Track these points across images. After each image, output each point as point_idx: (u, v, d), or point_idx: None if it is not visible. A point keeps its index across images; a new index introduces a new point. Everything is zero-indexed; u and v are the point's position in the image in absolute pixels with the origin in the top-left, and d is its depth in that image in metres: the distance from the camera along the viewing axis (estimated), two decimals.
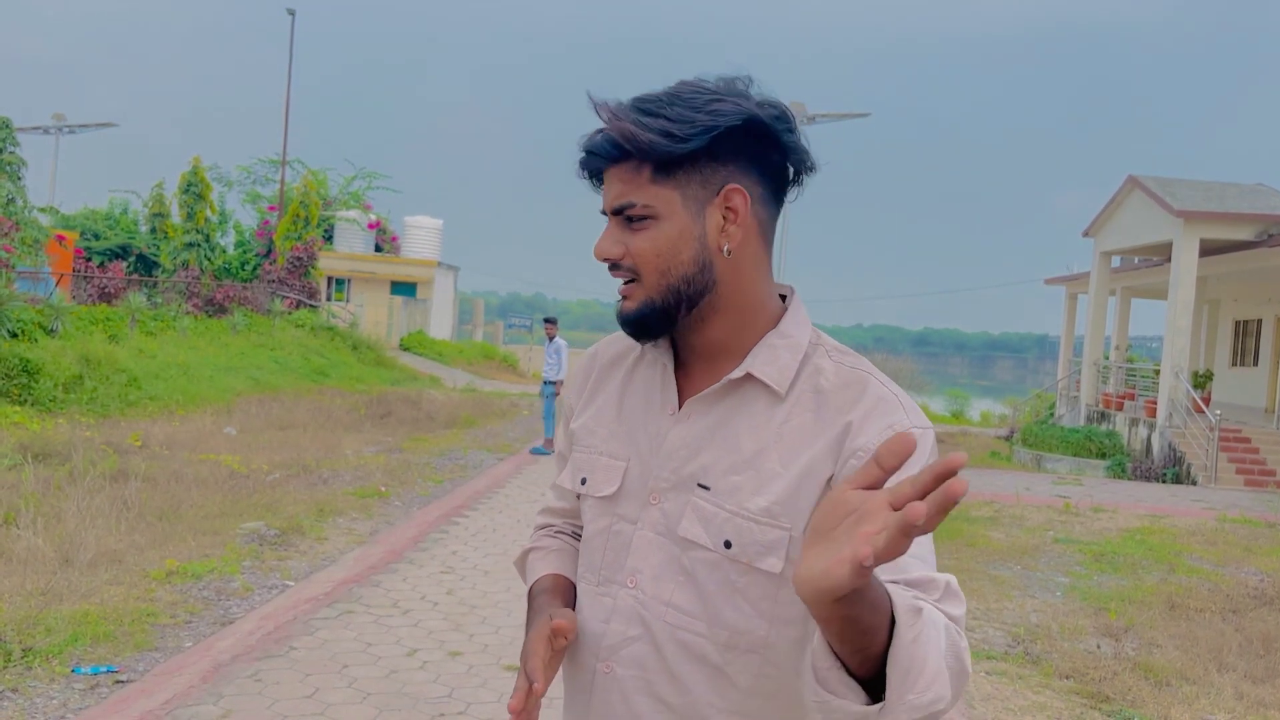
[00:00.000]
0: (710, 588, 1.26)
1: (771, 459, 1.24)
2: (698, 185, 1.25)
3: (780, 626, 1.25)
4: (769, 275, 1.32)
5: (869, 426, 1.22)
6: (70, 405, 12.77)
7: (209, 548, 6.64)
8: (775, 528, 1.22)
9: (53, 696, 4.17)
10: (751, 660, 1.25)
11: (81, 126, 40.95)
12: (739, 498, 1.24)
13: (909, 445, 0.89)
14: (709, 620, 1.26)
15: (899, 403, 1.25)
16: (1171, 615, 6.70)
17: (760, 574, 1.23)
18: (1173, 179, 19.66)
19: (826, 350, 1.31)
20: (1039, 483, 14.43)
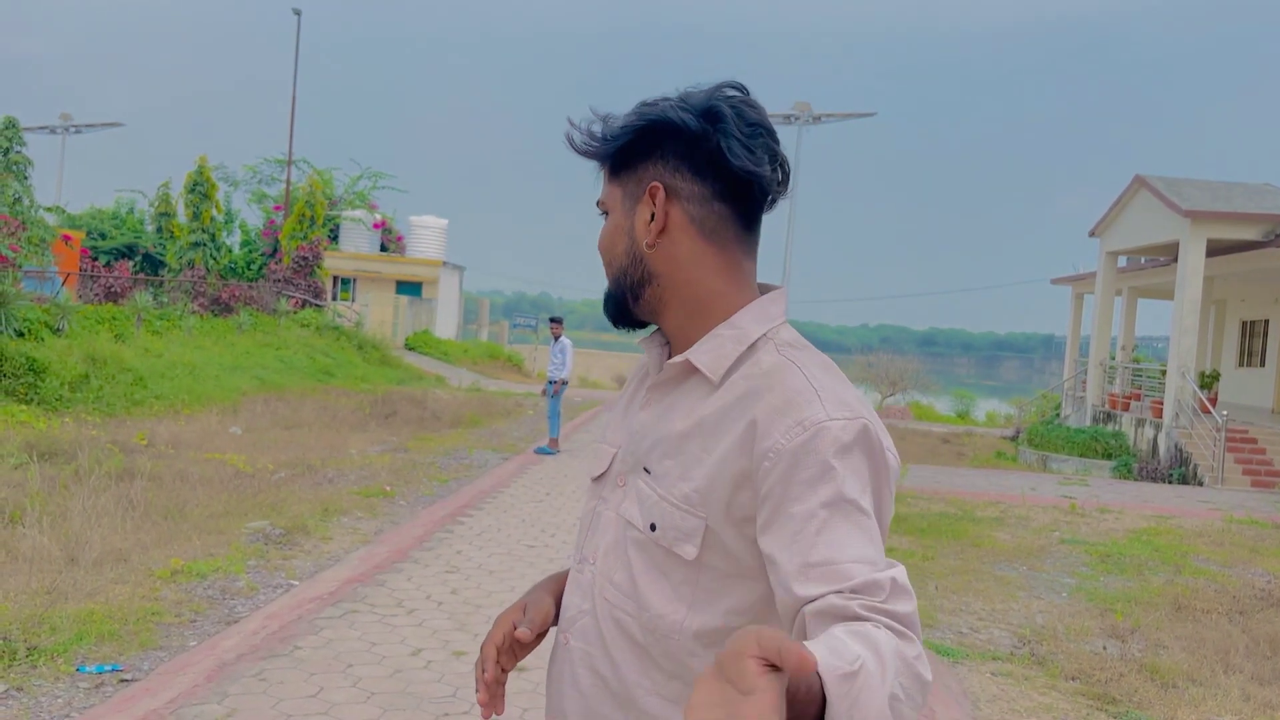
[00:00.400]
0: (639, 568, 1.30)
1: (695, 445, 1.27)
2: (633, 184, 1.34)
3: (700, 612, 1.26)
4: (723, 271, 1.33)
5: (778, 424, 1.19)
6: (76, 404, 12.79)
7: (214, 547, 6.64)
8: (693, 515, 1.25)
9: (57, 695, 4.18)
10: (671, 644, 1.27)
11: (88, 126, 41.07)
12: (667, 482, 1.29)
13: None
14: (637, 601, 1.30)
15: (816, 394, 1.20)
16: (1178, 616, 6.68)
17: (679, 559, 1.26)
18: (1180, 179, 19.60)
19: (777, 344, 1.30)
20: (1045, 483, 14.40)
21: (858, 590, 1.07)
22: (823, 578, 1.09)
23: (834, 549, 1.10)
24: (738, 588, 1.26)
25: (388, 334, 31.19)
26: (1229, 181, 20.06)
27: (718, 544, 1.24)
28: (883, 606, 1.05)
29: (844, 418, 1.18)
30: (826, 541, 1.11)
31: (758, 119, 1.29)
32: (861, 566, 1.09)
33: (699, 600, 1.26)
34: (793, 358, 1.27)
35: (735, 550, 1.24)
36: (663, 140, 1.30)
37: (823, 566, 1.10)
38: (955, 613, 6.60)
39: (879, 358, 39.12)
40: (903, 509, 10.46)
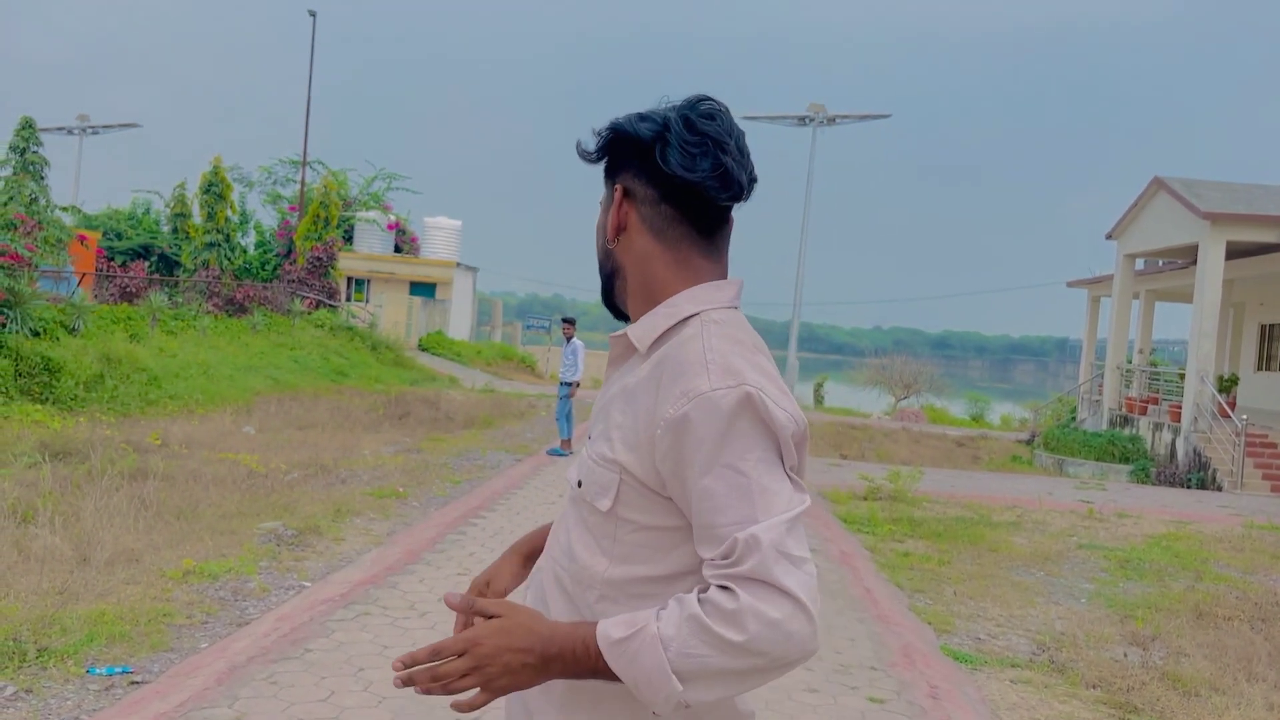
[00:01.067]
0: (572, 523, 1.46)
1: (617, 409, 1.41)
2: (609, 187, 1.51)
3: (618, 565, 1.37)
4: (672, 265, 1.45)
5: (669, 392, 1.32)
6: (91, 404, 12.81)
7: (226, 547, 6.61)
8: (608, 471, 1.38)
9: (67, 697, 4.14)
10: (591, 596, 1.39)
11: (105, 127, 41.26)
12: (596, 443, 1.43)
13: (450, 604, 1.40)
14: (569, 555, 1.44)
15: (705, 365, 1.31)
16: (1199, 624, 6.58)
17: (598, 513, 1.39)
18: (1199, 180, 19.44)
19: (703, 320, 1.40)
20: (1061, 487, 14.27)
21: (723, 555, 1.24)
22: (706, 540, 1.28)
23: (713, 514, 1.26)
24: (666, 552, 1.36)
25: (401, 335, 31.21)
26: (1249, 183, 19.88)
27: (634, 500, 1.36)
28: (728, 570, 1.22)
29: (725, 386, 1.28)
30: (708, 507, 1.27)
31: (707, 130, 1.40)
32: (732, 528, 1.24)
33: (619, 554, 1.37)
34: (706, 330, 1.36)
35: (654, 508, 1.35)
36: (627, 149, 1.45)
37: (706, 529, 1.28)
38: (972, 618, 6.51)
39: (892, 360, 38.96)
40: (918, 513, 10.38)
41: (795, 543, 1.24)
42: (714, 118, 1.42)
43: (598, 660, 1.25)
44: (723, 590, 1.22)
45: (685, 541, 1.34)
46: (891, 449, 19.48)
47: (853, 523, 9.66)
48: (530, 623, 1.31)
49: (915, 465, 14.56)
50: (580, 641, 1.26)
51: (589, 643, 1.26)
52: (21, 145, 21.27)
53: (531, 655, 1.28)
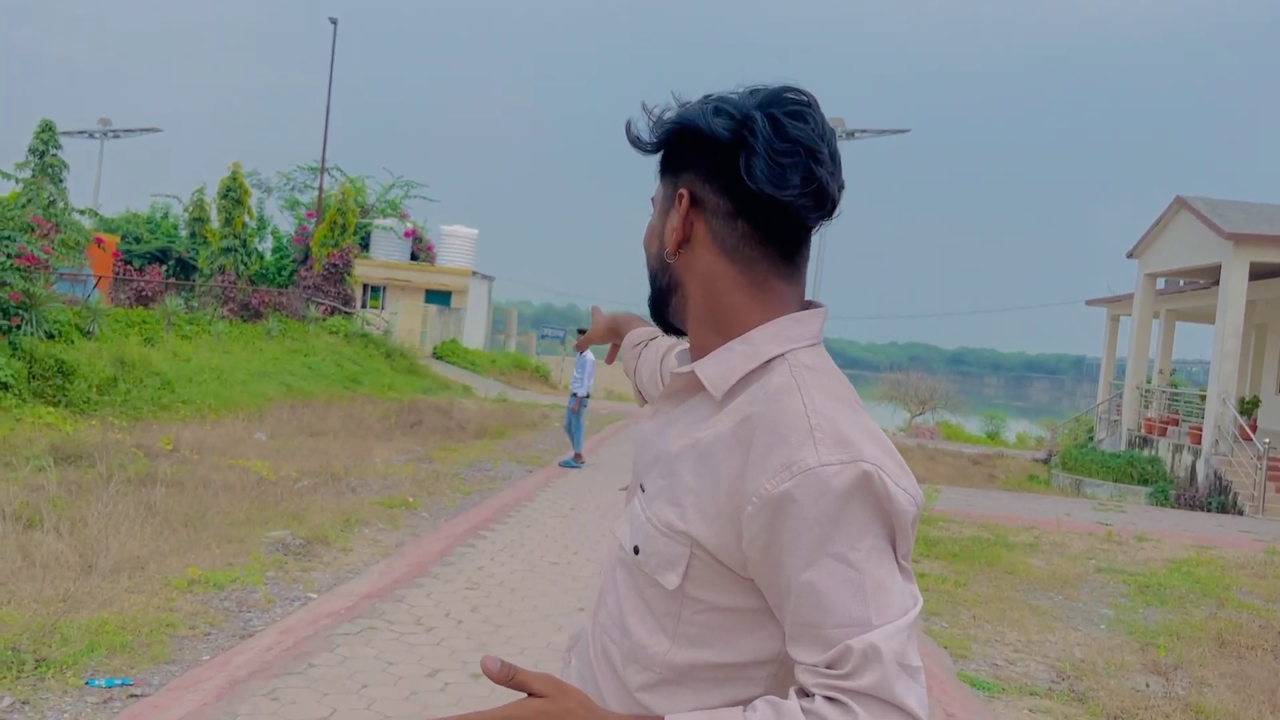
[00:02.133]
0: (624, 592, 1.24)
1: (687, 469, 1.18)
2: (670, 186, 1.26)
3: (683, 648, 1.18)
4: (744, 288, 1.22)
5: (766, 463, 1.10)
6: (104, 407, 12.79)
7: (233, 556, 6.54)
8: (676, 544, 1.16)
9: (64, 710, 4.06)
10: (643, 678, 1.20)
11: (126, 131, 41.52)
12: (657, 505, 1.20)
13: (488, 671, 1.07)
14: (620, 628, 1.24)
15: (810, 431, 1.10)
16: (1222, 653, 6.43)
17: (661, 588, 1.18)
18: (1221, 200, 19.25)
19: (791, 367, 1.17)
20: (1079, 508, 14.08)
21: (829, 664, 1.06)
22: (805, 639, 1.09)
23: (820, 612, 1.07)
24: (741, 637, 1.16)
25: (416, 343, 31.22)
26: (1273, 204, 19.67)
27: (706, 578, 1.15)
28: (839, 684, 1.05)
29: (838, 462, 1.07)
30: (811, 604, 1.07)
31: (799, 135, 1.16)
32: (843, 631, 1.06)
33: (684, 635, 1.18)
34: (801, 380, 1.15)
35: (729, 587, 1.15)
36: (696, 145, 1.21)
37: (807, 628, 1.09)
38: (989, 643, 6.38)
39: (908, 376, 38.80)
40: (934, 532, 10.23)
41: (913, 651, 1.08)
42: (805, 118, 1.18)
43: None
44: (832, 703, 1.06)
45: (763, 625, 1.16)
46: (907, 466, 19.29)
47: None
48: (579, 710, 1.12)
49: (931, 483, 14.40)
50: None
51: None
52: (41, 148, 21.38)
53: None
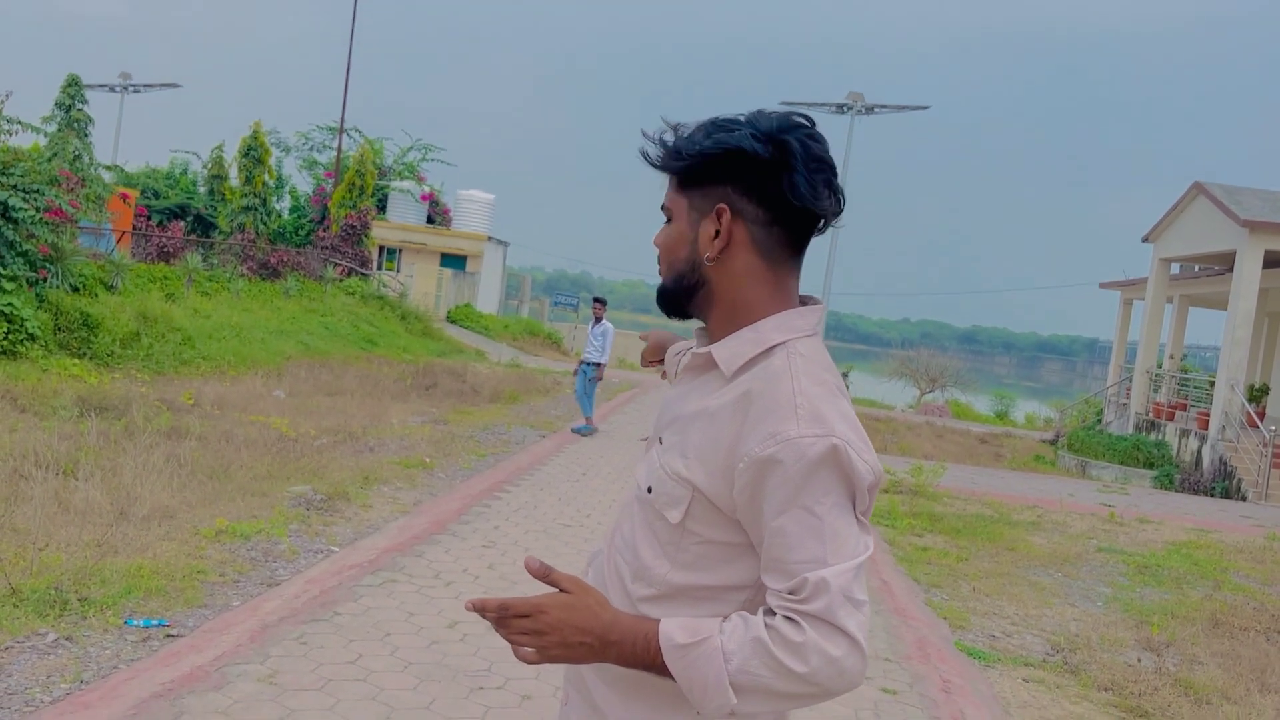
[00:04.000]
0: (637, 523, 1.52)
1: (696, 430, 1.45)
2: (699, 198, 1.48)
3: (680, 571, 1.45)
4: (768, 284, 1.48)
5: (756, 431, 1.37)
6: (127, 361, 13.03)
7: (257, 509, 6.77)
8: (680, 487, 1.44)
9: (106, 647, 4.29)
10: (646, 591, 1.47)
11: (146, 86, 41.60)
12: (669, 455, 1.47)
13: (530, 569, 1.39)
14: (632, 551, 1.51)
15: (794, 412, 1.36)
16: (1215, 632, 6.61)
17: (665, 522, 1.46)
18: (1239, 187, 19.22)
19: (789, 352, 1.44)
20: (1083, 489, 14.25)
21: (791, 590, 1.33)
22: (774, 571, 1.36)
23: (787, 550, 1.34)
24: (726, 565, 1.44)
25: (431, 306, 31.41)
26: None
27: (703, 516, 1.43)
28: (796, 606, 1.32)
29: (813, 435, 1.34)
30: (780, 543, 1.35)
31: (821, 154, 1.44)
32: (804, 565, 1.33)
33: (682, 561, 1.45)
34: (794, 365, 1.41)
35: (720, 525, 1.43)
36: (734, 165, 1.43)
37: (776, 563, 1.36)
38: (988, 616, 6.57)
39: (919, 353, 38.83)
40: (938, 508, 10.41)
41: (859, 587, 1.34)
42: (821, 140, 1.45)
43: (655, 657, 1.36)
44: (789, 622, 1.32)
45: (744, 557, 1.43)
46: (914, 443, 19.48)
47: (873, 515, 9.70)
48: (596, 607, 1.40)
49: (938, 460, 14.57)
50: (642, 637, 1.37)
51: (650, 640, 1.36)
52: (67, 102, 21.53)
53: (590, 637, 1.38)
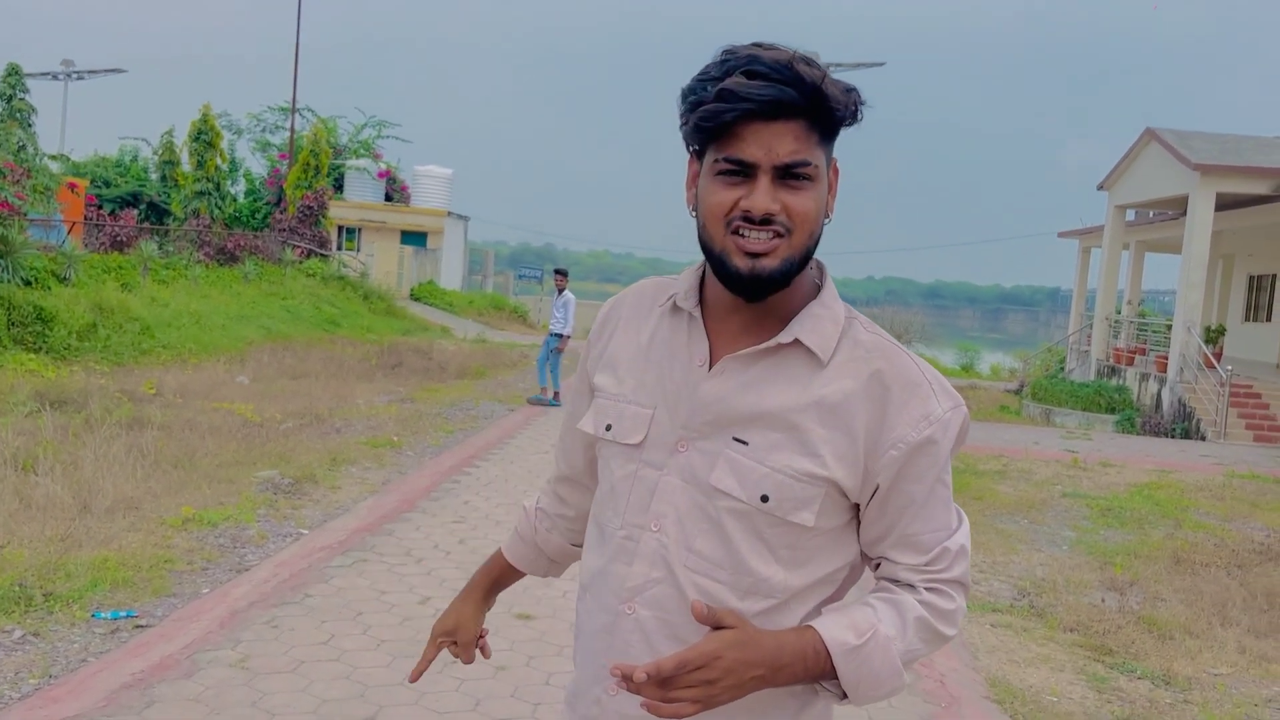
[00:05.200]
0: (736, 536, 1.33)
1: (812, 421, 1.32)
2: (828, 154, 1.32)
3: (797, 572, 1.35)
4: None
5: (904, 414, 1.32)
6: (84, 353, 12.86)
7: (224, 496, 6.72)
8: (814, 486, 1.32)
9: (74, 640, 4.26)
10: (766, 604, 1.34)
11: (90, 73, 40.74)
12: (780, 456, 1.32)
13: (699, 615, 1.26)
14: (733, 567, 1.34)
15: (931, 389, 1.34)
16: (1177, 570, 6.75)
17: (789, 526, 1.33)
18: (1190, 132, 19.42)
19: (861, 324, 1.38)
20: (1048, 437, 14.46)
21: (930, 563, 1.35)
22: (909, 546, 1.35)
23: (922, 522, 1.35)
24: (832, 552, 1.38)
25: (393, 284, 31.16)
26: (1239, 135, 19.88)
27: (829, 509, 1.34)
28: (939, 576, 1.35)
29: (952, 407, 1.35)
30: (920, 516, 1.34)
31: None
32: (939, 534, 1.35)
33: (797, 560, 1.35)
34: (889, 339, 1.37)
35: (840, 512, 1.36)
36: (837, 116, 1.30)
37: (912, 537, 1.35)
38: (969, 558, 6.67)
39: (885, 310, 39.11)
40: None
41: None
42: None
43: (825, 664, 1.29)
44: (936, 593, 1.35)
45: (846, 536, 1.39)
46: None
47: None
48: (759, 635, 1.29)
49: None
50: (811, 651, 1.28)
51: (819, 651, 1.28)
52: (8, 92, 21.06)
53: (763, 669, 1.27)
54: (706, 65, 1.29)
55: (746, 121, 1.25)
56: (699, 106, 1.27)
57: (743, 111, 1.24)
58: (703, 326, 1.39)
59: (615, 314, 1.51)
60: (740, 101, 1.23)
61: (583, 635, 1.46)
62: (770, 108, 1.23)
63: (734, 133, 1.26)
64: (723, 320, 1.38)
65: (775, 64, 1.23)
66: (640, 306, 1.48)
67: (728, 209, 1.28)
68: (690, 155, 1.37)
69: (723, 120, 1.25)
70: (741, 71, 1.24)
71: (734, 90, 1.23)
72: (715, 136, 1.28)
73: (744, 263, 1.29)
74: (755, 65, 1.24)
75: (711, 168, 1.30)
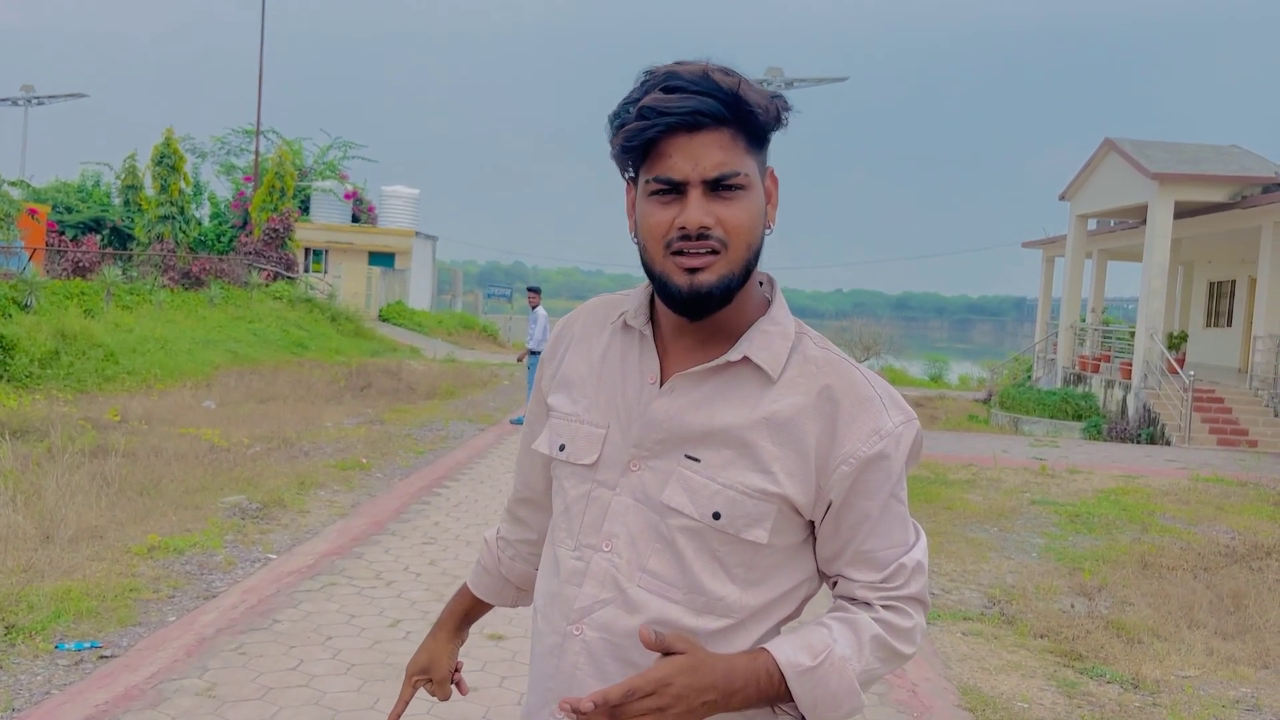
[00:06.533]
0: (689, 555, 1.32)
1: (763, 438, 1.30)
2: (762, 162, 1.32)
3: (753, 590, 1.33)
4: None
5: (854, 429, 1.31)
6: (47, 381, 12.68)
7: (190, 522, 6.64)
8: (766, 502, 1.30)
9: (36, 673, 4.19)
10: (722, 623, 1.32)
11: (50, 97, 40.37)
12: (732, 473, 1.30)
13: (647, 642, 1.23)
14: (687, 586, 1.32)
15: (882, 404, 1.33)
16: (1144, 574, 6.82)
17: (743, 543, 1.31)
18: (1148, 141, 19.73)
19: (812, 339, 1.38)
20: (1016, 445, 14.57)
21: (886, 579, 1.33)
22: (864, 563, 1.34)
23: (877, 539, 1.33)
24: (789, 569, 1.37)
25: (361, 305, 30.97)
26: (1196, 143, 20.21)
27: (783, 526, 1.33)
28: (896, 593, 1.33)
29: (904, 421, 1.33)
30: (875, 533, 1.33)
31: None
32: (895, 551, 1.33)
33: (753, 579, 1.33)
34: (839, 354, 1.37)
35: (794, 529, 1.35)
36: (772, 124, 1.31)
37: (866, 554, 1.34)
38: (928, 574, 6.69)
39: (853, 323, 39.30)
40: None
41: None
42: None
43: (779, 688, 1.26)
44: (893, 610, 1.33)
45: (802, 552, 1.37)
46: None
47: None
48: (710, 659, 1.26)
49: None
50: (764, 673, 1.26)
51: (772, 672, 1.26)
52: None
53: (714, 693, 1.24)
54: (631, 90, 1.28)
55: (670, 136, 1.24)
56: (623, 128, 1.26)
57: (664, 126, 1.23)
58: (654, 344, 1.38)
59: (568, 333, 1.50)
60: (660, 117, 1.22)
61: (534, 657, 1.44)
62: (691, 119, 1.22)
63: (660, 150, 1.25)
64: (674, 338, 1.37)
65: (692, 76, 1.23)
66: (592, 325, 1.47)
67: (665, 230, 1.27)
68: (627, 183, 1.35)
69: (646, 137, 1.24)
70: (660, 88, 1.24)
71: (653, 106, 1.23)
72: (643, 157, 1.27)
73: (684, 280, 1.27)
74: (672, 80, 1.23)
75: (644, 190, 1.29)
